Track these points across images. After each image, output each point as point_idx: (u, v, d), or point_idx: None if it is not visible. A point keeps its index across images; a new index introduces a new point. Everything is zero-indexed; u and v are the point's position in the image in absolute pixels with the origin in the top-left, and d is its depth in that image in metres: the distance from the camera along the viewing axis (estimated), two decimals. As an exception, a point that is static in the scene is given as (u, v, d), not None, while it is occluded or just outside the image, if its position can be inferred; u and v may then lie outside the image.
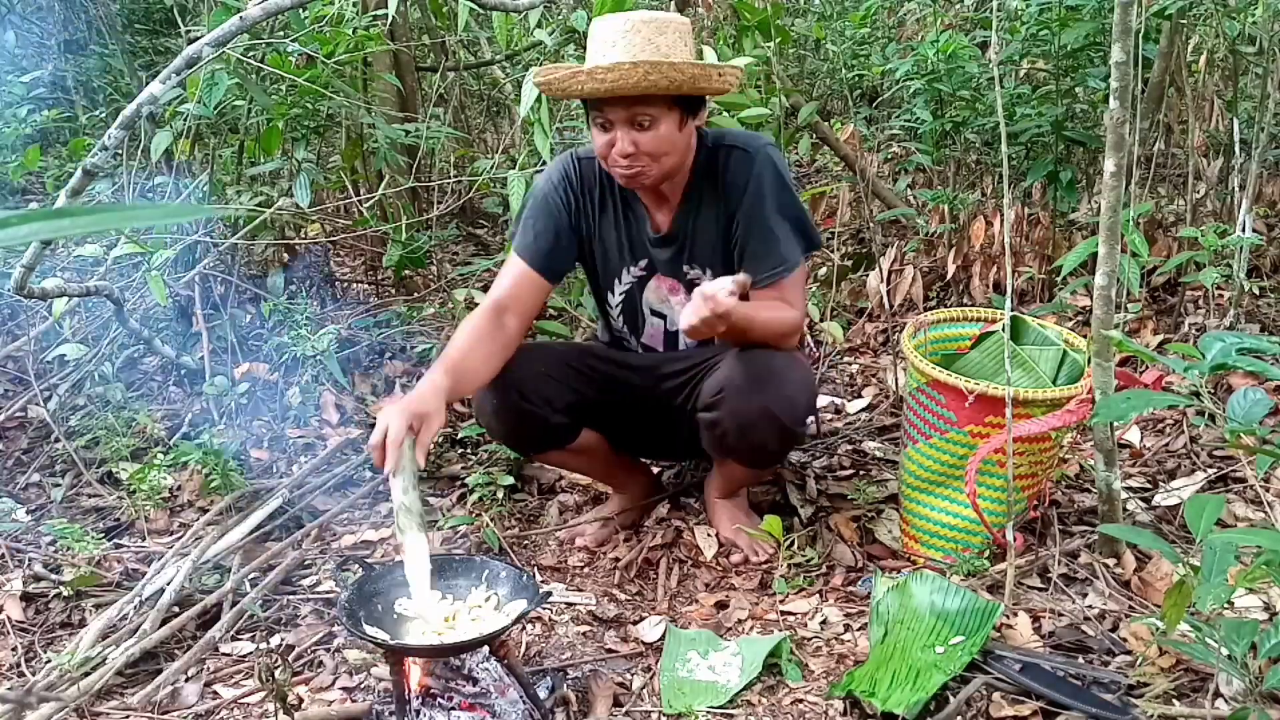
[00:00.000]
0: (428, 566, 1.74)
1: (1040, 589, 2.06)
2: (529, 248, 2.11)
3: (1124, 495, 2.24)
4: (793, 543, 2.21)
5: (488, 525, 2.39)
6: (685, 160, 2.05)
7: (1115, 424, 2.00)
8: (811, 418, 2.37)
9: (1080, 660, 1.83)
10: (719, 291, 1.79)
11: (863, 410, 2.98)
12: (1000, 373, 2.21)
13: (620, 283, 2.21)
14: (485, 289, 3.50)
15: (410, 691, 1.72)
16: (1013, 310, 2.06)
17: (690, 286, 2.14)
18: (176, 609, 2.11)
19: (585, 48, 1.99)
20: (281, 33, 2.97)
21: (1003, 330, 2.06)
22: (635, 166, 1.95)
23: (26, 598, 2.23)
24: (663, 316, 2.23)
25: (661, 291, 2.20)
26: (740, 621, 2.06)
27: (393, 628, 1.77)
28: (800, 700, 1.81)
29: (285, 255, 3.39)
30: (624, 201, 2.14)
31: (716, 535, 2.32)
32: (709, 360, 2.15)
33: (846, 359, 3.31)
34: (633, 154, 1.93)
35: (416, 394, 1.81)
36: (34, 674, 1.96)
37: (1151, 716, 1.63)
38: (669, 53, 1.89)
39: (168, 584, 2.13)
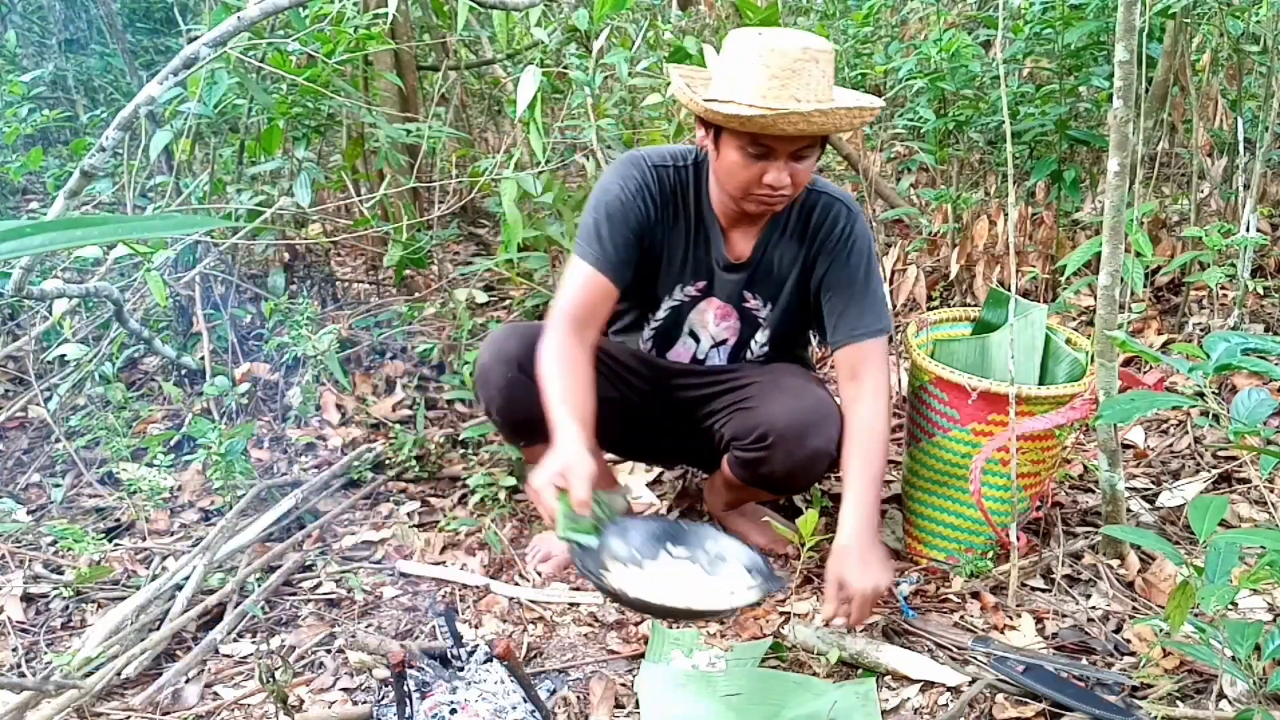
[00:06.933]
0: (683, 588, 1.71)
1: (1044, 590, 2.06)
2: (605, 257, 1.98)
3: (1127, 496, 2.23)
4: (804, 542, 2.20)
5: (489, 527, 2.39)
6: None
7: (1119, 424, 1.99)
8: None
9: (1084, 661, 1.82)
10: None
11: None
12: (984, 366, 2.22)
13: (671, 298, 2.13)
14: (487, 289, 3.50)
15: (410, 693, 1.71)
16: (1017, 311, 2.05)
17: (745, 314, 2.13)
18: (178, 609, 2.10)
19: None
20: (282, 32, 2.97)
21: (1010, 330, 2.05)
22: (780, 196, 1.89)
23: (27, 598, 2.23)
24: (696, 339, 2.18)
25: (708, 315, 2.14)
26: (741, 622, 2.05)
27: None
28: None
29: (286, 255, 3.39)
30: (699, 220, 2.06)
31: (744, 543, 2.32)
32: (730, 379, 2.14)
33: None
34: (786, 185, 1.86)
35: (558, 456, 1.74)
36: (35, 675, 1.96)
37: (1155, 718, 1.62)
38: (832, 83, 1.83)
39: (178, 590, 2.12)
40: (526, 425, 2.08)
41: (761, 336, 2.15)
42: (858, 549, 1.87)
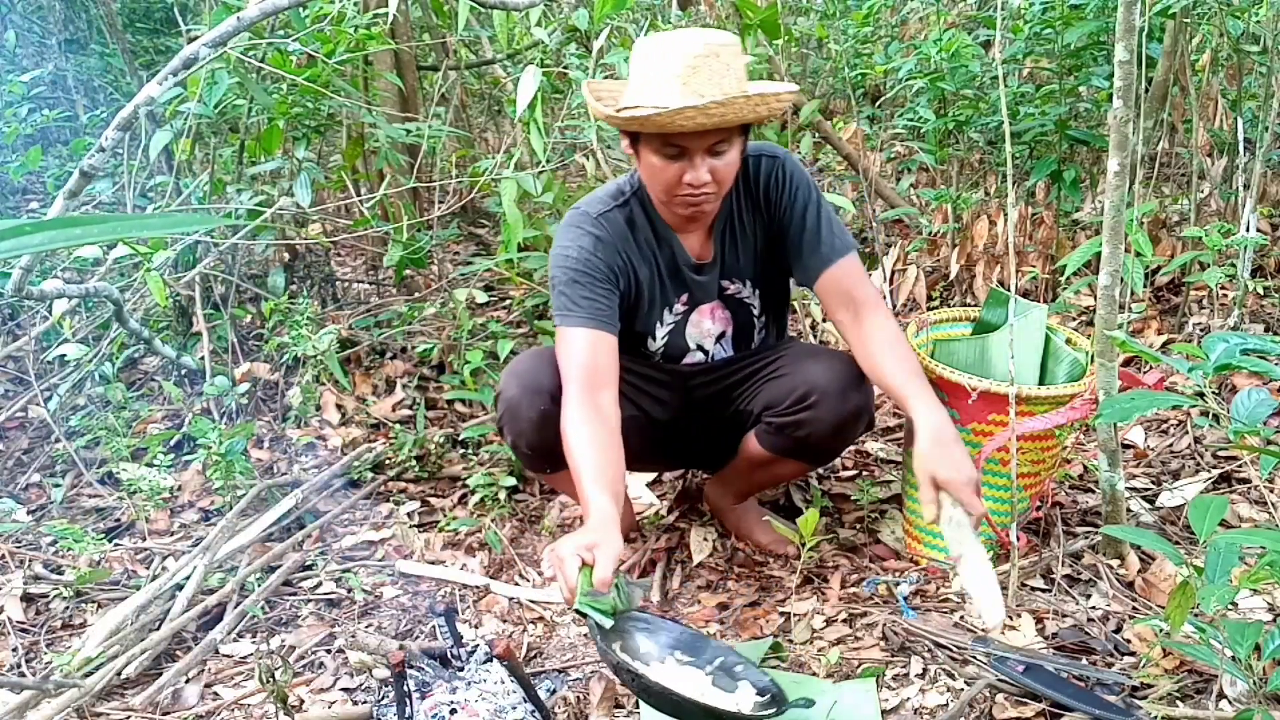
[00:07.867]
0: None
1: (1044, 590, 2.06)
2: (591, 312, 1.95)
3: (1127, 496, 2.23)
4: (804, 542, 2.20)
5: (489, 527, 2.39)
6: None
7: (1119, 424, 1.99)
8: None
9: (1084, 662, 1.82)
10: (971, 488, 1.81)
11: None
12: (984, 366, 2.22)
13: (663, 325, 2.12)
14: (487, 288, 3.50)
15: (410, 693, 1.71)
16: (1017, 311, 2.05)
17: (729, 302, 2.13)
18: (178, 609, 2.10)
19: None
20: (282, 31, 2.97)
21: (1010, 330, 2.05)
22: (704, 194, 1.89)
23: (27, 598, 2.23)
24: (705, 351, 2.17)
25: (703, 324, 2.14)
26: (741, 622, 2.05)
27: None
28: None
29: (286, 255, 3.39)
30: (659, 241, 2.05)
31: (746, 542, 2.32)
32: (748, 362, 2.16)
33: (849, 359, 3.30)
34: (707, 183, 1.87)
35: (590, 531, 1.69)
36: (35, 675, 1.96)
37: (1155, 718, 1.62)
38: (741, 76, 1.82)
39: (178, 590, 2.12)
40: (558, 456, 1.97)
41: (757, 310, 2.16)
42: (941, 447, 1.83)
